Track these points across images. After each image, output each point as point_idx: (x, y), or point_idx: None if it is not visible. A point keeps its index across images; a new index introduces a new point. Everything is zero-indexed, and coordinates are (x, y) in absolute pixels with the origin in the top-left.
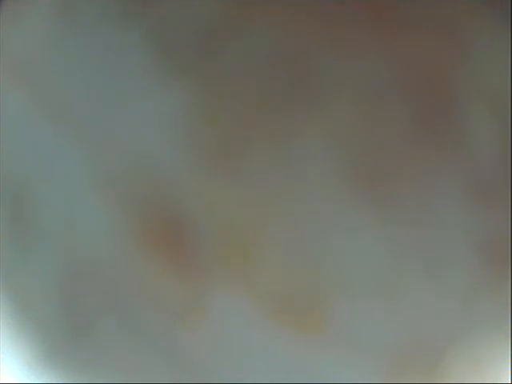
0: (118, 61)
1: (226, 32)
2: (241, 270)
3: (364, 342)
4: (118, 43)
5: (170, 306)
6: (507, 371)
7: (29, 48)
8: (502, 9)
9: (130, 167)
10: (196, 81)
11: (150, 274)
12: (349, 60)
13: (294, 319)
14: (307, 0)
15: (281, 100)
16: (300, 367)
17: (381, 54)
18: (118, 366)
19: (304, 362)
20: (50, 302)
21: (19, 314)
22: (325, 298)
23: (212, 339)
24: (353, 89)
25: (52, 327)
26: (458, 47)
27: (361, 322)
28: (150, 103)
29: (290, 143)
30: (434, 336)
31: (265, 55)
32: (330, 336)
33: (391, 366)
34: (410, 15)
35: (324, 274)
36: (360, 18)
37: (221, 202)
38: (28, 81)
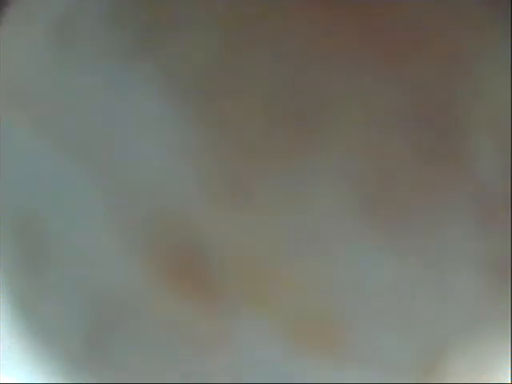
0: (124, 90)
1: (228, 65)
2: (261, 299)
3: (384, 357)
4: (121, 75)
5: (194, 335)
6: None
7: (31, 73)
8: (506, 24)
9: (144, 198)
10: (205, 113)
11: (171, 304)
12: (362, 86)
13: (317, 343)
14: (320, 26)
15: (293, 130)
16: None
17: (394, 79)
18: None
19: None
20: (71, 335)
21: (42, 347)
22: (346, 320)
23: (236, 366)
24: (366, 115)
25: (75, 360)
26: (464, 69)
27: (379, 338)
28: (160, 134)
29: (302, 172)
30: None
31: (276, 85)
32: (352, 354)
33: (413, 373)
34: (417, 37)
35: (342, 297)
36: (370, 41)
37: (237, 233)
38: (30, 107)
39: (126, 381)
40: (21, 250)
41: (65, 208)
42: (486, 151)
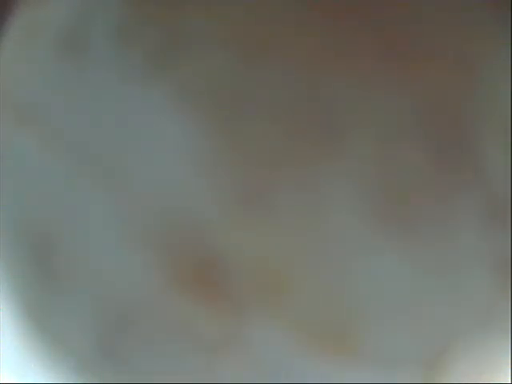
0: (137, 104)
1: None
2: (274, 301)
3: (395, 357)
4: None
5: (206, 336)
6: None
7: (40, 87)
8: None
9: (156, 207)
10: (219, 125)
11: (183, 307)
12: (374, 97)
13: (329, 344)
14: (331, 39)
15: (307, 138)
16: None
17: (405, 91)
18: None
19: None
20: (83, 337)
21: (54, 348)
22: (358, 321)
23: (248, 368)
24: (379, 124)
25: (86, 361)
26: (471, 76)
27: (391, 338)
28: (174, 147)
29: (315, 178)
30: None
31: (289, 97)
32: (365, 355)
33: (423, 372)
34: (429, 48)
35: (354, 299)
36: (382, 52)
37: (250, 236)
38: (40, 121)
39: (137, 381)
40: (34, 260)
41: (77, 220)
42: (498, 157)
